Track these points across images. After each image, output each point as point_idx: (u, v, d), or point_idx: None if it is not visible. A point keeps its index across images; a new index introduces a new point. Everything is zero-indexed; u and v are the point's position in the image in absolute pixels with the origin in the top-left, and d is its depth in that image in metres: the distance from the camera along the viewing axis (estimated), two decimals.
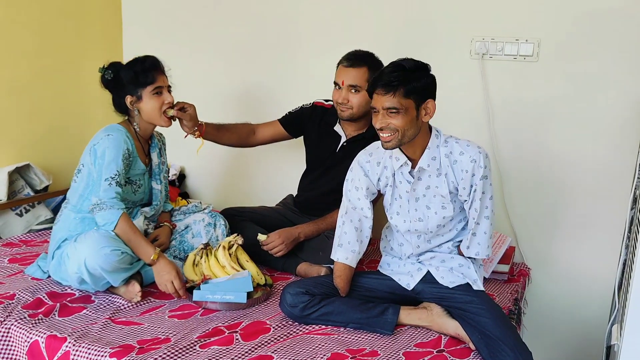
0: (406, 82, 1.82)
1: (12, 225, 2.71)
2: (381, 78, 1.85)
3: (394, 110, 1.83)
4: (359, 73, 2.30)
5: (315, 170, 2.57)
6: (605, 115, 2.41)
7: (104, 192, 2.08)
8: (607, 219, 2.47)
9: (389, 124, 1.84)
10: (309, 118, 2.55)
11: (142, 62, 2.21)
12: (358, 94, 2.31)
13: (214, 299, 2.04)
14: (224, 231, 2.40)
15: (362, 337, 1.91)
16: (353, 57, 2.34)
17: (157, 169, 2.36)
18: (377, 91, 1.85)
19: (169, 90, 2.25)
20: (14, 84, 2.83)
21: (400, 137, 1.86)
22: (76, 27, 3.08)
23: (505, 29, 2.51)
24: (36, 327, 1.87)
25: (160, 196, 2.36)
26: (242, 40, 3.05)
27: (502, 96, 2.57)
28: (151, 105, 2.20)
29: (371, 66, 2.32)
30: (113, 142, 2.12)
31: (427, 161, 1.93)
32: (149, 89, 2.18)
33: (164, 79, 2.22)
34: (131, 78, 2.18)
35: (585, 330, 2.57)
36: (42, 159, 2.92)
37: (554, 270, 2.60)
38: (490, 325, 1.82)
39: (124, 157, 2.13)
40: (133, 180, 2.25)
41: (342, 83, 2.32)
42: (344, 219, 2.06)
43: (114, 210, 2.07)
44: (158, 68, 2.21)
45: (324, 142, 2.51)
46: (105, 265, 1.97)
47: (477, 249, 1.98)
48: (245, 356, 1.76)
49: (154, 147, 2.36)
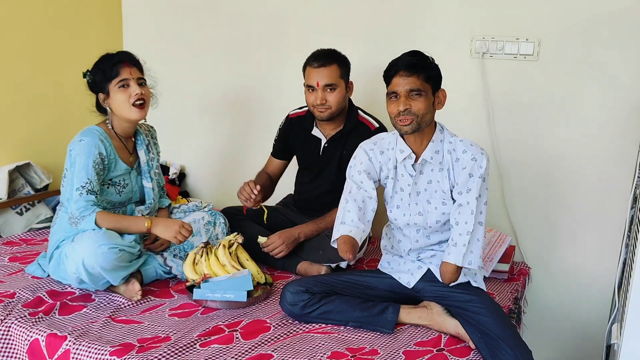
0: (426, 67, 1.89)
1: (13, 223, 2.71)
2: (403, 60, 1.89)
3: (417, 92, 1.86)
4: (331, 71, 2.31)
5: (306, 176, 2.59)
6: (605, 115, 2.41)
7: (75, 204, 2.06)
8: (607, 218, 2.47)
9: (411, 106, 1.86)
10: (290, 133, 2.56)
11: (108, 58, 2.15)
12: (334, 92, 2.32)
13: (214, 298, 2.04)
14: (224, 229, 2.40)
15: (362, 336, 1.91)
16: (321, 57, 2.33)
17: (145, 167, 2.30)
18: (400, 74, 1.87)
19: (140, 83, 2.16)
20: (15, 83, 2.83)
21: (419, 122, 1.88)
22: (77, 25, 3.08)
23: (506, 28, 2.51)
24: (36, 326, 1.87)
25: (152, 194, 2.32)
26: (240, 39, 3.05)
27: (502, 95, 2.57)
28: (118, 99, 2.13)
29: (339, 62, 2.34)
30: (83, 149, 2.08)
31: (430, 154, 1.94)
32: (114, 83, 2.12)
33: (131, 71, 2.13)
34: (99, 75, 2.14)
35: (585, 330, 2.57)
36: (42, 158, 2.92)
37: (554, 269, 2.60)
38: (490, 324, 1.82)
39: (96, 163, 2.08)
40: (116, 181, 2.20)
41: (317, 84, 2.31)
42: (347, 198, 1.97)
43: (87, 217, 2.04)
44: (124, 61, 2.13)
45: (307, 149, 2.52)
46: (104, 263, 1.97)
47: (470, 257, 1.86)
48: (245, 355, 1.76)
49: (141, 144, 2.30)
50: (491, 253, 2.38)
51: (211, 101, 3.21)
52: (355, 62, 2.46)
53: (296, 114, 2.57)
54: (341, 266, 2.32)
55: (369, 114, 2.46)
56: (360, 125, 2.41)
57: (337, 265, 2.31)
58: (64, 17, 3.01)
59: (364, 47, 2.75)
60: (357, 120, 2.42)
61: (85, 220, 2.04)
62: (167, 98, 3.25)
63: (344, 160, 2.41)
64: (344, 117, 2.42)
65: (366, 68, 2.76)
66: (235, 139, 3.18)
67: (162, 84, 2.35)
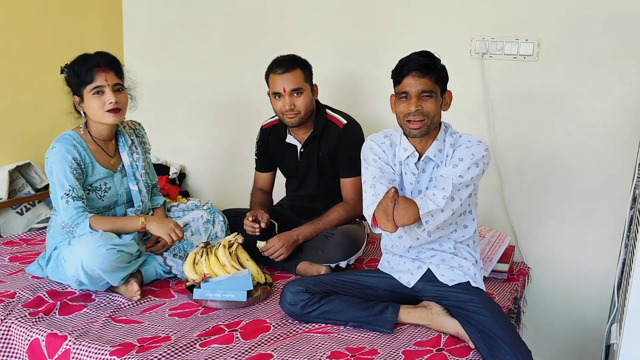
0: (437, 68, 1.88)
1: (13, 223, 2.72)
2: (415, 61, 1.87)
3: (428, 93, 1.86)
4: (296, 75, 2.30)
5: (293, 184, 2.60)
6: (604, 115, 2.42)
7: (64, 212, 2.03)
8: (606, 218, 2.47)
9: (422, 107, 1.86)
10: (267, 145, 2.56)
11: (83, 61, 2.07)
12: (302, 96, 2.32)
13: (214, 298, 2.05)
14: (223, 227, 2.40)
15: (362, 336, 1.91)
16: (284, 63, 2.32)
17: (129, 169, 2.25)
18: (412, 74, 1.86)
19: (117, 89, 2.08)
20: (15, 83, 2.83)
21: (430, 123, 1.88)
22: (77, 24, 3.08)
23: (505, 28, 2.51)
24: (37, 326, 1.87)
25: (140, 196, 2.27)
26: (241, 39, 3.05)
27: (502, 96, 2.57)
28: (91, 106, 2.06)
29: (302, 66, 2.34)
30: (56, 156, 2.05)
31: (433, 152, 1.95)
32: (88, 89, 2.05)
33: (107, 77, 2.05)
34: (73, 79, 2.08)
35: (584, 329, 2.57)
36: (42, 158, 2.87)
37: (554, 269, 2.60)
38: (490, 324, 1.82)
39: (73, 169, 2.04)
40: (96, 186, 2.15)
41: (283, 90, 2.31)
42: (373, 183, 1.88)
43: (81, 224, 2.03)
44: (99, 66, 2.04)
45: (286, 157, 2.53)
46: (103, 265, 1.96)
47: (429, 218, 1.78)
48: (245, 354, 1.77)
49: (123, 146, 2.24)
50: (491, 253, 2.39)
51: (211, 101, 3.22)
52: (355, 61, 2.47)
53: (269, 123, 2.57)
54: (341, 266, 2.32)
55: (337, 111, 2.47)
56: (329, 124, 2.42)
57: (337, 265, 2.32)
58: (65, 17, 3.01)
59: (365, 49, 2.75)
60: (326, 120, 2.43)
61: (80, 227, 2.03)
62: (168, 98, 3.28)
63: (321, 161, 2.44)
64: (313, 120, 2.43)
65: (366, 68, 2.77)
66: (236, 139, 3.18)
67: (163, 84, 2.36)
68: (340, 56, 2.83)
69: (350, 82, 2.85)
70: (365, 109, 2.77)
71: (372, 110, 2.76)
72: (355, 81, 2.83)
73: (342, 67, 2.84)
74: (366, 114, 2.71)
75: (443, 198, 1.81)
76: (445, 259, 2.02)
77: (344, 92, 2.85)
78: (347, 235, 2.35)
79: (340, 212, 2.42)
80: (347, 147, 2.37)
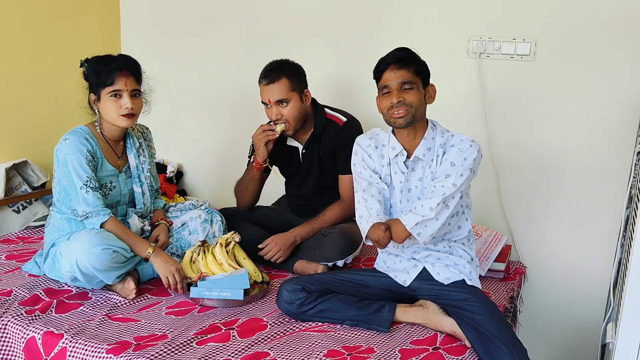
0: (415, 61, 1.91)
1: (10, 221, 2.71)
2: (392, 55, 1.92)
3: (409, 85, 1.89)
4: (281, 86, 2.30)
5: (293, 184, 2.60)
6: (601, 115, 2.42)
7: (84, 201, 2.04)
8: (603, 218, 2.48)
9: (404, 98, 1.88)
10: None
11: (106, 62, 2.09)
12: (288, 106, 2.32)
13: (211, 296, 2.05)
14: (221, 227, 2.40)
15: (359, 334, 1.91)
16: (270, 73, 2.32)
17: (135, 171, 2.27)
18: (390, 68, 1.90)
19: (135, 94, 2.11)
20: (12, 81, 2.83)
21: (414, 113, 1.89)
22: (74, 23, 3.08)
23: (503, 28, 2.52)
24: (33, 324, 1.87)
25: (142, 198, 2.28)
26: (239, 39, 3.05)
27: (499, 95, 2.58)
28: (107, 107, 2.10)
29: (289, 74, 2.32)
30: (70, 147, 2.06)
31: (422, 151, 1.95)
32: (107, 90, 2.07)
33: (127, 82, 2.08)
34: (93, 76, 2.10)
35: (580, 329, 2.58)
36: (39, 156, 2.91)
37: (550, 268, 2.61)
38: (486, 322, 1.82)
39: (88, 160, 2.07)
40: (102, 183, 2.15)
41: (269, 102, 2.32)
42: (365, 196, 1.97)
43: (100, 217, 2.06)
44: (121, 70, 2.07)
45: (287, 160, 2.53)
46: (97, 264, 1.96)
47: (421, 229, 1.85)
48: (242, 353, 1.77)
49: (131, 148, 2.26)
50: (487, 252, 2.39)
51: (209, 100, 3.22)
52: (354, 61, 2.47)
53: None
54: (338, 265, 2.33)
55: (336, 110, 2.47)
56: (329, 123, 2.43)
57: (334, 264, 2.32)
58: (62, 15, 3.01)
59: (364, 49, 2.76)
60: (326, 120, 2.43)
61: (96, 218, 2.05)
62: (165, 97, 3.27)
63: (322, 160, 2.45)
64: (311, 121, 2.43)
65: (366, 68, 2.77)
66: (233, 138, 3.18)
67: (160, 83, 2.35)
68: (340, 57, 2.83)
69: (350, 82, 2.85)
70: (365, 108, 2.76)
71: (372, 110, 2.75)
72: (355, 82, 2.83)
73: (342, 67, 2.85)
74: (366, 114, 2.71)
75: (430, 209, 1.84)
76: (441, 258, 2.02)
77: (344, 93, 2.86)
78: (345, 234, 2.35)
79: (337, 211, 2.42)
80: (347, 144, 2.37)
